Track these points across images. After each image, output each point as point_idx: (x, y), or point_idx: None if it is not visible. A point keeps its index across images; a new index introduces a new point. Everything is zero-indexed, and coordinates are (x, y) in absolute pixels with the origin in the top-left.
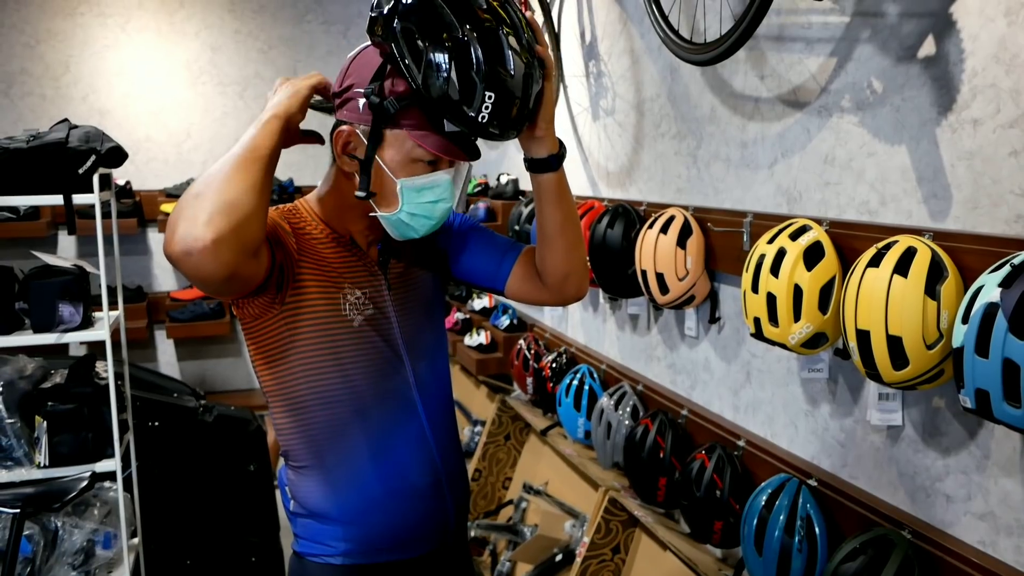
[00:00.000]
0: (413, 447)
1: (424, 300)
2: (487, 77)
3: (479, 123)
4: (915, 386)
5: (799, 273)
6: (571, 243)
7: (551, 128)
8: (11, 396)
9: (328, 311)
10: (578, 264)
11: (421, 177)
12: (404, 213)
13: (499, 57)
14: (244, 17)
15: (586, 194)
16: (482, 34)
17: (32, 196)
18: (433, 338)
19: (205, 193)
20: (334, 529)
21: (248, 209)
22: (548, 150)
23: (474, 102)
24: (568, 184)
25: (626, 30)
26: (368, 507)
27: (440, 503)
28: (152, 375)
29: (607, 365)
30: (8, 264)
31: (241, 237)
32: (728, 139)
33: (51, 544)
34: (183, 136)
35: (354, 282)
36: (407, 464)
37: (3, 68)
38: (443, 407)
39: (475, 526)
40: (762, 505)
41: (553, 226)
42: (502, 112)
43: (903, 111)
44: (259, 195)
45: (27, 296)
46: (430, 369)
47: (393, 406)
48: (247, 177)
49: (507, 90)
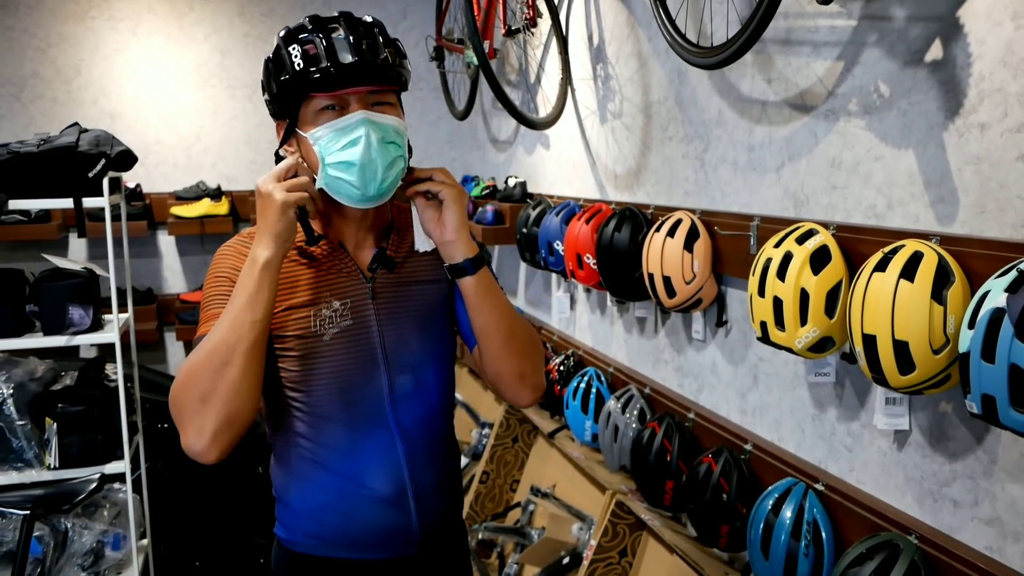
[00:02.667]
0: (378, 456)
1: (419, 312)
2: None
3: (297, 72)
4: (922, 391)
5: (806, 277)
6: (500, 349)
7: (462, 233)
8: (21, 398)
9: (297, 327)
10: (510, 370)
11: (326, 125)
12: (328, 168)
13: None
14: (253, 21)
15: (594, 197)
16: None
17: (43, 200)
18: (422, 351)
19: (210, 400)
20: (294, 518)
21: (247, 414)
22: (462, 255)
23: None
24: (496, 288)
25: (634, 33)
26: (322, 504)
27: (402, 514)
28: (161, 377)
29: (614, 368)
30: (19, 267)
31: (240, 434)
32: (735, 142)
33: (61, 545)
34: (193, 139)
35: (335, 292)
36: (367, 471)
37: (15, 72)
38: (425, 420)
39: (483, 528)
40: (769, 509)
41: (480, 329)
42: (311, 59)
43: (910, 115)
44: (256, 384)
45: (38, 299)
46: (413, 381)
47: (360, 414)
48: (248, 374)
49: (308, 40)
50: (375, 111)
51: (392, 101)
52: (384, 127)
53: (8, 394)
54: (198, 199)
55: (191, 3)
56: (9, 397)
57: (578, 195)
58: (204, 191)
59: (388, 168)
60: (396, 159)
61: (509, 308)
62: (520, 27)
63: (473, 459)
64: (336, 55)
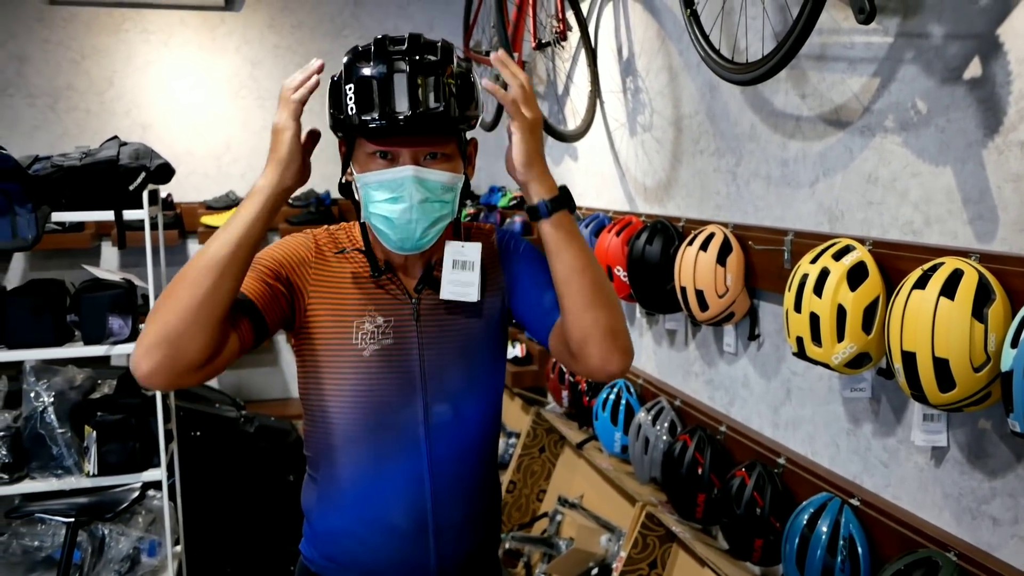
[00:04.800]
0: (402, 486)
1: (462, 339)
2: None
3: (350, 116)
4: (961, 408)
5: (843, 293)
6: (588, 299)
7: (532, 171)
8: (62, 406)
9: (337, 339)
10: (601, 325)
11: (373, 174)
12: (370, 214)
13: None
14: (283, 32)
15: (623, 209)
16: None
17: (85, 212)
18: (465, 381)
19: (156, 312)
20: (314, 537)
21: (189, 340)
22: (537, 195)
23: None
24: (577, 234)
25: (664, 47)
26: (340, 528)
27: (420, 549)
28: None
29: (644, 380)
30: (58, 276)
31: (176, 367)
32: (768, 157)
33: (98, 551)
34: (223, 149)
35: (380, 308)
36: (389, 500)
37: (50, 83)
38: (461, 454)
39: (509, 538)
40: (804, 524)
41: (563, 279)
42: (365, 102)
43: (948, 132)
44: (204, 311)
45: (78, 309)
46: (452, 411)
47: (390, 439)
48: (195, 293)
49: (365, 81)
50: (427, 165)
51: (449, 152)
52: (432, 185)
53: (49, 402)
54: (227, 208)
55: (222, 15)
56: (50, 405)
57: (607, 207)
58: (233, 201)
59: (428, 227)
60: (440, 217)
61: (592, 257)
62: (550, 40)
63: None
64: (391, 101)
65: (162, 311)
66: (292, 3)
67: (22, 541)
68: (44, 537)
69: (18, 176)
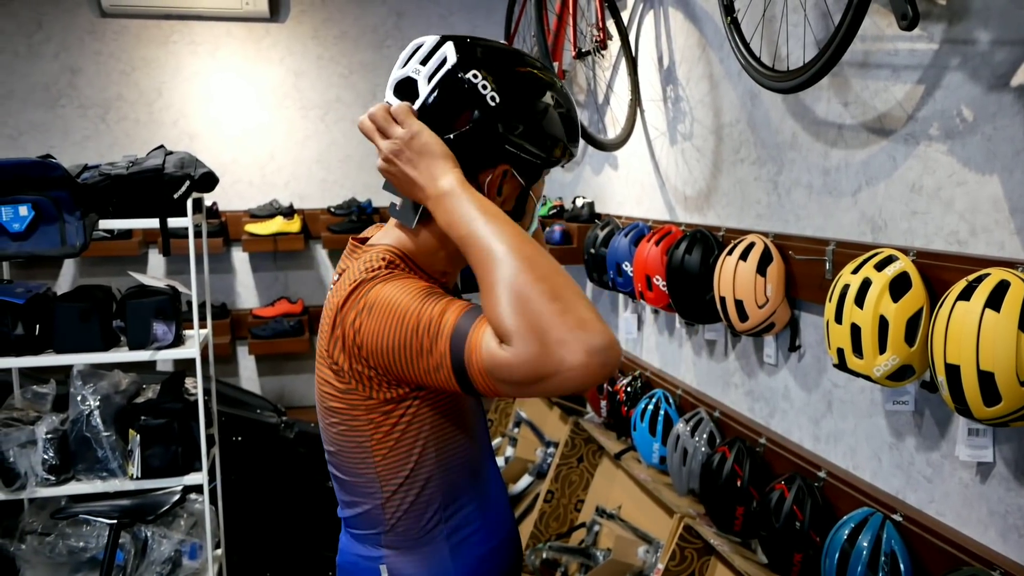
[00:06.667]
0: (502, 492)
1: None
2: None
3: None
4: (1007, 423)
5: (885, 304)
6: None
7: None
8: (107, 410)
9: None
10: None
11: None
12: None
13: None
14: (326, 43)
15: (662, 218)
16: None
17: (131, 219)
18: None
19: (567, 297)
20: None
21: None
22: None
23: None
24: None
25: (705, 55)
26: (483, 565)
27: (519, 545)
28: (235, 391)
29: (683, 390)
30: (105, 283)
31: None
32: (810, 166)
33: (141, 553)
34: (267, 158)
35: None
36: (502, 511)
37: (101, 94)
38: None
39: (547, 547)
40: (844, 539)
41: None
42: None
43: (995, 140)
44: None
45: (124, 315)
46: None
47: (489, 454)
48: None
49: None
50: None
51: None
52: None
53: (95, 406)
54: (271, 217)
55: (267, 27)
56: (96, 409)
57: (646, 216)
58: (277, 209)
59: None
60: None
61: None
62: (590, 49)
63: (538, 478)
64: (577, 139)
65: (574, 292)
66: (336, 14)
67: (68, 542)
68: (89, 538)
69: (67, 184)
